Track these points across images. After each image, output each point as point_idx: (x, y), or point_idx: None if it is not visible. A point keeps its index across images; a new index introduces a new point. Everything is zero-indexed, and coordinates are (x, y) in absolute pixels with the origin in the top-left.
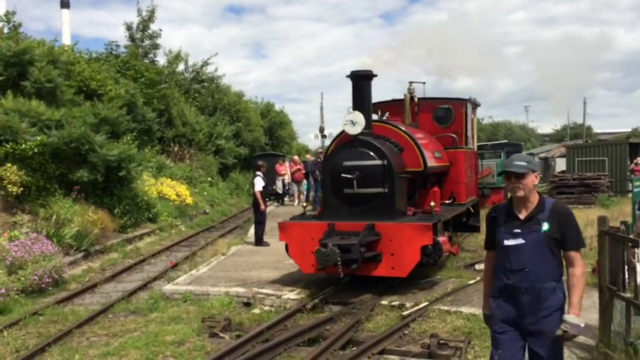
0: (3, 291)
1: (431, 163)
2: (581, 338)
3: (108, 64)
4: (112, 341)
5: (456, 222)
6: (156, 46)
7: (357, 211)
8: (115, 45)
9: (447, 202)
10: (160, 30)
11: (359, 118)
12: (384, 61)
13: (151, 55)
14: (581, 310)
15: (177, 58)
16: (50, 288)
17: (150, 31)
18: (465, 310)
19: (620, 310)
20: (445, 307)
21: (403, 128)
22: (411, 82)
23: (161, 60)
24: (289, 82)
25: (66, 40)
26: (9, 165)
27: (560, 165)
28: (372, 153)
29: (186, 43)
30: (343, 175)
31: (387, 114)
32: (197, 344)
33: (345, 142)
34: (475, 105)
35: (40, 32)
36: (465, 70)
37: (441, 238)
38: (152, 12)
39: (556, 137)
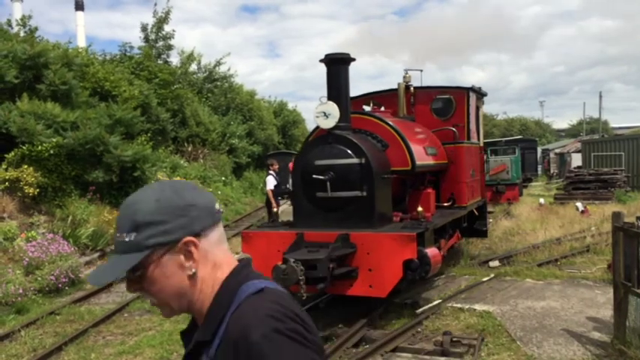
0: (21, 291)
1: (422, 160)
2: (596, 334)
3: (122, 65)
4: (127, 340)
5: (457, 226)
6: (169, 47)
7: (332, 218)
8: (129, 46)
9: (445, 204)
10: (174, 31)
11: (332, 109)
12: (399, 59)
13: (164, 56)
14: (597, 307)
15: (189, 58)
16: (67, 288)
17: (164, 32)
18: (478, 307)
19: (636, 306)
20: (458, 305)
21: (390, 122)
22: (406, 70)
23: (174, 60)
24: (303, 80)
25: (81, 42)
26: (25, 166)
27: (576, 160)
28: (348, 150)
29: (201, 42)
30: (314, 176)
31: (382, 108)
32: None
33: (317, 138)
34: (480, 95)
35: (58, 34)
36: (478, 65)
37: (430, 250)
38: (167, 13)
39: (572, 132)
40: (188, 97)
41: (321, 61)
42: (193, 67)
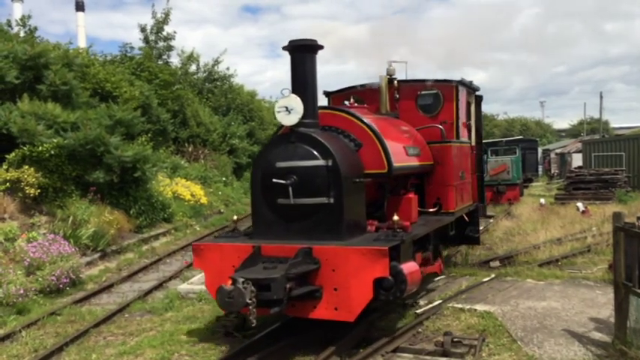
0: (22, 291)
1: (401, 162)
2: (597, 335)
3: (122, 66)
4: (128, 340)
5: (445, 234)
6: (170, 48)
7: (295, 229)
8: (130, 47)
9: (430, 210)
10: (174, 32)
11: (296, 103)
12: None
13: (165, 57)
14: (598, 307)
15: (189, 58)
16: (68, 288)
17: (164, 33)
18: (479, 307)
19: (636, 306)
20: (459, 305)
21: (365, 118)
22: (390, 62)
23: (175, 61)
24: None
25: (81, 43)
26: (26, 167)
27: (577, 160)
28: (313, 150)
29: (203, 43)
30: (275, 180)
31: (365, 105)
32: (212, 343)
33: (279, 137)
34: (471, 89)
35: (59, 35)
36: (480, 65)
37: (407, 265)
38: (167, 14)
39: (572, 132)
40: (189, 97)
41: (284, 48)
42: (193, 67)
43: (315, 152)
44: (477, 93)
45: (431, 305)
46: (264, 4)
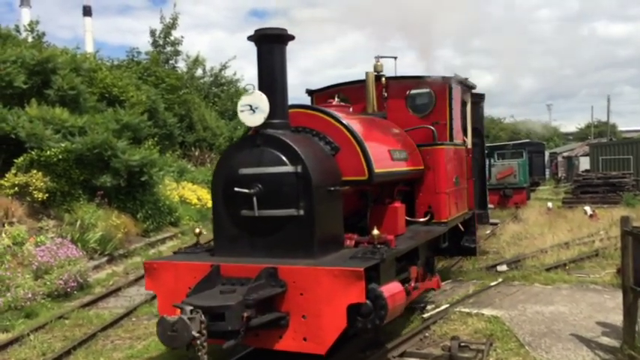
0: (30, 295)
1: (384, 167)
2: (605, 339)
3: (129, 70)
4: (135, 344)
5: (435, 247)
6: (177, 53)
7: (260, 245)
8: (137, 52)
9: (421, 220)
10: (182, 37)
11: (261, 101)
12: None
13: (172, 62)
14: (606, 312)
15: (195, 62)
16: (75, 292)
17: (172, 38)
18: (486, 312)
19: None
20: (466, 310)
21: (343, 119)
22: (378, 57)
23: (181, 65)
24: (310, 85)
25: (88, 48)
26: (34, 171)
27: (584, 164)
28: (280, 155)
29: (210, 48)
30: (237, 189)
31: (350, 104)
32: (217, 346)
33: (244, 139)
34: (466, 87)
35: (68, 40)
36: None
37: (388, 287)
38: (175, 19)
39: (580, 136)
40: (195, 102)
41: (249, 38)
42: (199, 71)
43: (283, 157)
44: (475, 91)
45: (438, 309)
46: (272, 8)
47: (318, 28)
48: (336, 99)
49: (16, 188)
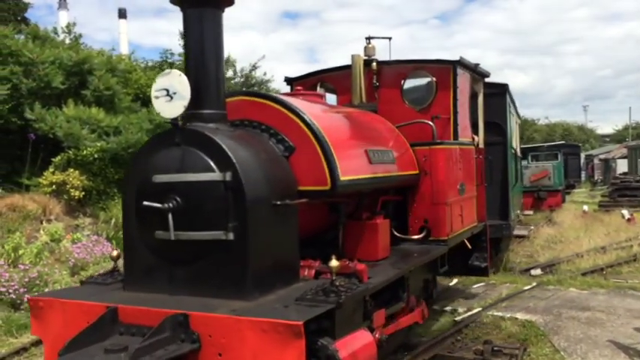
0: None
1: (356, 173)
2: None
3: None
4: None
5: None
6: None
7: (180, 277)
8: (170, 53)
9: (414, 237)
10: None
11: (180, 83)
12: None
13: None
14: None
15: (226, 63)
16: None
17: None
18: (520, 316)
19: None
20: (499, 313)
21: (303, 112)
22: (369, 38)
23: None
24: None
25: (123, 50)
26: (71, 170)
27: (622, 166)
28: (205, 157)
29: (244, 49)
30: (146, 203)
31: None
32: None
33: (160, 135)
34: (476, 74)
35: (106, 42)
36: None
37: (348, 341)
38: None
39: (617, 138)
40: None
41: (172, 1)
42: (230, 72)
43: (210, 161)
44: (498, 82)
45: (470, 313)
46: (304, 9)
47: (349, 29)
48: (319, 88)
49: (54, 186)
